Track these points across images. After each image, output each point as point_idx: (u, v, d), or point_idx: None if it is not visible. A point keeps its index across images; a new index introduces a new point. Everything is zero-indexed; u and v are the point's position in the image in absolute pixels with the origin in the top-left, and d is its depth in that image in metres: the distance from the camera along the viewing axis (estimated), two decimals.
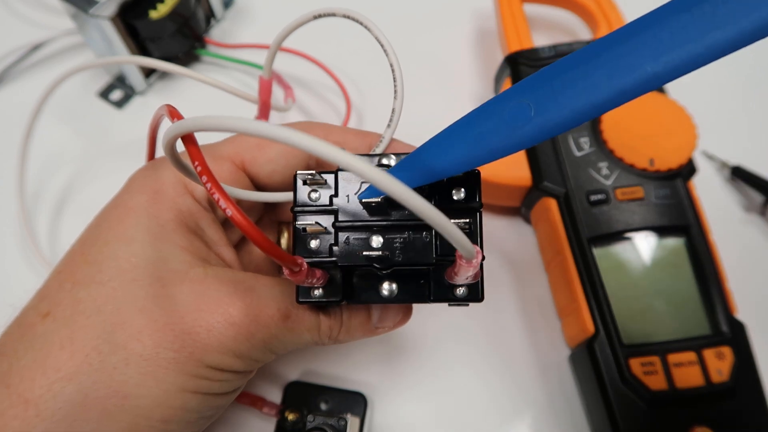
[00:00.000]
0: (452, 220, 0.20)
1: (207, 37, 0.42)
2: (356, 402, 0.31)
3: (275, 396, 0.31)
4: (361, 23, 0.23)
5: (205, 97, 0.40)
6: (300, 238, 0.20)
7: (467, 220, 0.20)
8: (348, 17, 0.23)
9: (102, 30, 0.36)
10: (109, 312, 0.20)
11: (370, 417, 0.31)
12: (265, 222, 0.28)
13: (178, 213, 0.22)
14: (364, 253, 0.20)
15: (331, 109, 0.41)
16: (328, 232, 0.20)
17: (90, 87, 0.41)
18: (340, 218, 0.20)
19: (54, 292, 0.20)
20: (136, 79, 0.40)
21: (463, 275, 0.18)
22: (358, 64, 0.42)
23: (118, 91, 0.41)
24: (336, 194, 0.20)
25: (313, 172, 0.20)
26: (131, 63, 0.38)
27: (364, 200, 0.20)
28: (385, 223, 0.20)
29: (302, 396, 0.31)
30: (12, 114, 0.38)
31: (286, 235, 0.29)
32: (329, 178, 0.20)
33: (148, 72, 0.41)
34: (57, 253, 0.36)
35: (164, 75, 0.42)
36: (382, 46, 0.22)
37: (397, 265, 0.20)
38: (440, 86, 0.42)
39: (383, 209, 0.20)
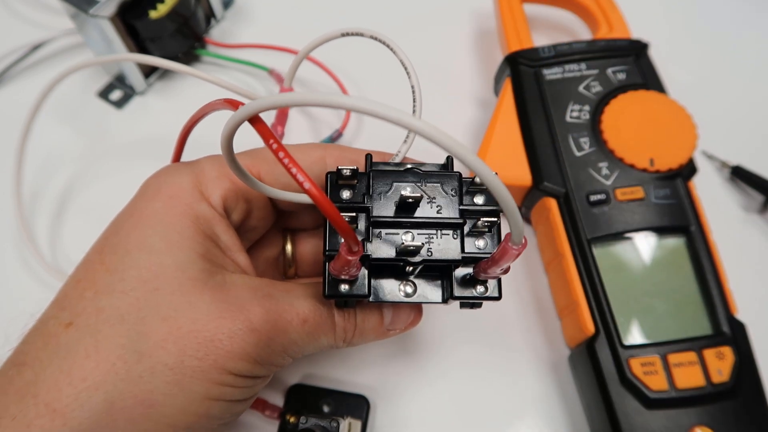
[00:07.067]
0: (482, 219, 0.21)
1: (207, 37, 0.42)
2: (359, 405, 0.31)
3: (277, 399, 0.31)
4: (387, 45, 0.23)
5: (206, 98, 0.39)
6: (334, 232, 0.21)
7: (494, 219, 0.21)
8: (375, 38, 0.23)
9: (102, 30, 0.36)
10: (133, 321, 0.20)
11: (373, 419, 0.31)
12: (273, 228, 0.28)
13: (194, 219, 0.22)
14: (396, 248, 0.20)
15: (332, 110, 0.41)
16: (361, 228, 0.21)
17: (89, 87, 0.41)
18: (373, 215, 0.21)
19: (75, 301, 0.21)
20: (135, 78, 0.40)
21: (504, 264, 0.19)
22: (359, 66, 0.41)
23: (118, 91, 0.41)
24: (369, 193, 0.21)
25: (345, 168, 0.20)
26: (131, 60, 0.38)
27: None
28: (414, 220, 0.21)
29: (304, 399, 0.31)
30: (11, 114, 0.38)
31: (290, 241, 0.29)
32: (360, 178, 0.21)
33: (148, 72, 0.41)
34: (58, 256, 0.35)
35: (164, 75, 0.42)
36: (405, 68, 0.23)
37: (427, 262, 0.21)
38: (440, 86, 0.42)
39: (411, 208, 0.21)
